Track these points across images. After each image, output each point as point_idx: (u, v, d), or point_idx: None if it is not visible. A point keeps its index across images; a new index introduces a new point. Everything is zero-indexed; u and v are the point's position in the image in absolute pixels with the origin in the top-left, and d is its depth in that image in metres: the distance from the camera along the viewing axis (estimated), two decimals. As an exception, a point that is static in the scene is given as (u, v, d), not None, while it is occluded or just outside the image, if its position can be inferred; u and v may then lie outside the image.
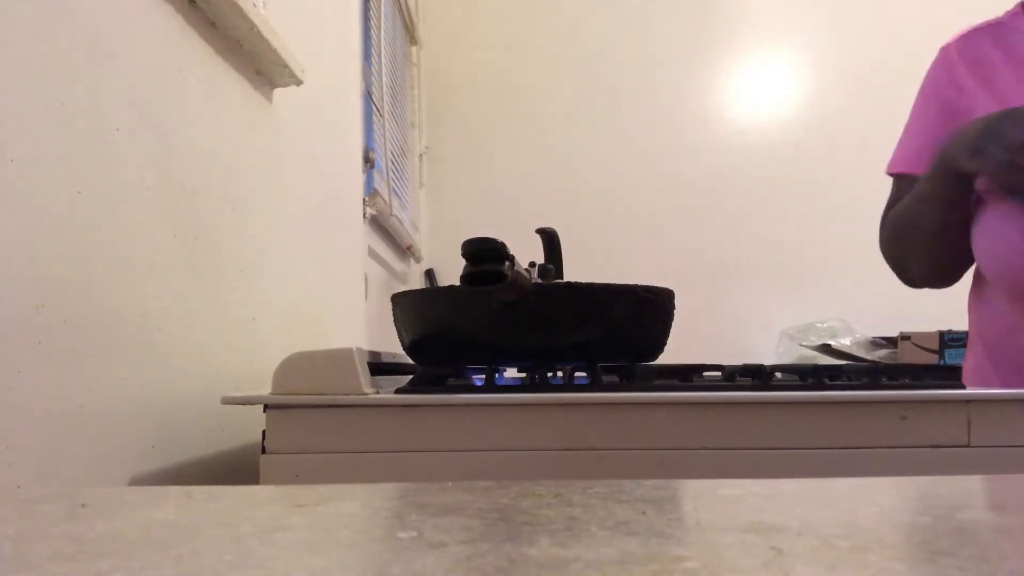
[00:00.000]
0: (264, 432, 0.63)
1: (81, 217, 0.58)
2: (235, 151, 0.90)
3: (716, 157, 2.86)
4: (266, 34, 0.89)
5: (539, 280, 0.71)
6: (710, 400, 0.63)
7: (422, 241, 2.67)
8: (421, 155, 2.79)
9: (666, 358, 0.80)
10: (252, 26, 0.86)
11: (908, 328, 2.22)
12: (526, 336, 0.69)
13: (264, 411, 0.64)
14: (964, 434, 0.63)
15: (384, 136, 1.95)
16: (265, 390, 0.66)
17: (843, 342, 2.31)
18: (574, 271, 0.83)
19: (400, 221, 2.08)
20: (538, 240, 0.83)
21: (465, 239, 0.59)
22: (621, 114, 2.90)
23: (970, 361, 1.00)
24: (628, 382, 0.77)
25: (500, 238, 0.59)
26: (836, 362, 2.15)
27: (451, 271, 2.79)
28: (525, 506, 0.29)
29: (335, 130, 1.45)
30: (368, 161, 1.74)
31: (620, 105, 2.90)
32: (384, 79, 2.01)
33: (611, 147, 2.88)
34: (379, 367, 0.74)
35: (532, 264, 0.67)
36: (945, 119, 0.97)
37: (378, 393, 0.64)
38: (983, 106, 0.90)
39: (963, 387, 0.68)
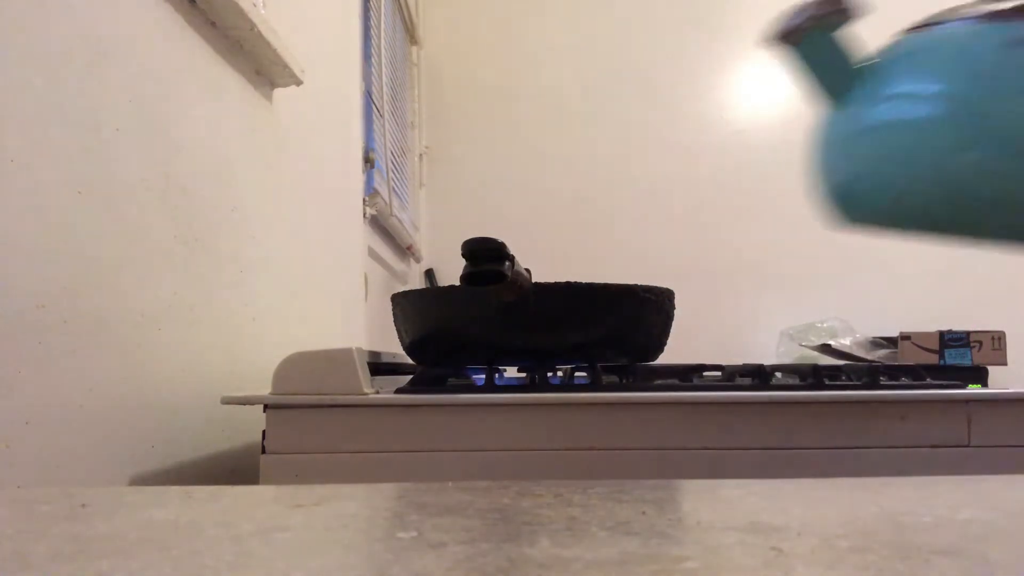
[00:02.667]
0: (264, 432, 0.63)
1: (81, 217, 0.58)
2: (235, 151, 0.90)
3: (716, 157, 2.86)
4: (266, 34, 0.89)
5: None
6: (710, 400, 0.63)
7: (422, 241, 2.67)
8: (421, 155, 2.79)
9: (666, 358, 0.80)
10: (252, 26, 0.86)
11: (908, 328, 2.23)
12: (526, 336, 0.69)
13: (264, 411, 0.64)
14: (964, 434, 0.63)
15: (384, 136, 1.95)
16: (265, 390, 0.66)
17: (843, 342, 2.31)
18: (574, 271, 0.83)
19: (400, 221, 2.08)
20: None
21: (465, 239, 0.59)
22: (621, 114, 2.90)
23: None
24: (628, 382, 0.77)
25: (501, 238, 0.60)
26: (836, 362, 2.15)
27: (451, 271, 2.79)
28: (525, 506, 0.29)
29: (335, 130, 1.44)
30: (368, 161, 1.74)
31: (620, 105, 2.90)
32: (384, 79, 2.01)
33: (611, 147, 2.88)
34: (379, 367, 0.74)
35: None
36: None
37: (378, 393, 0.64)
38: None
39: (963, 387, 0.68)
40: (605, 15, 2.94)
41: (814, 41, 0.41)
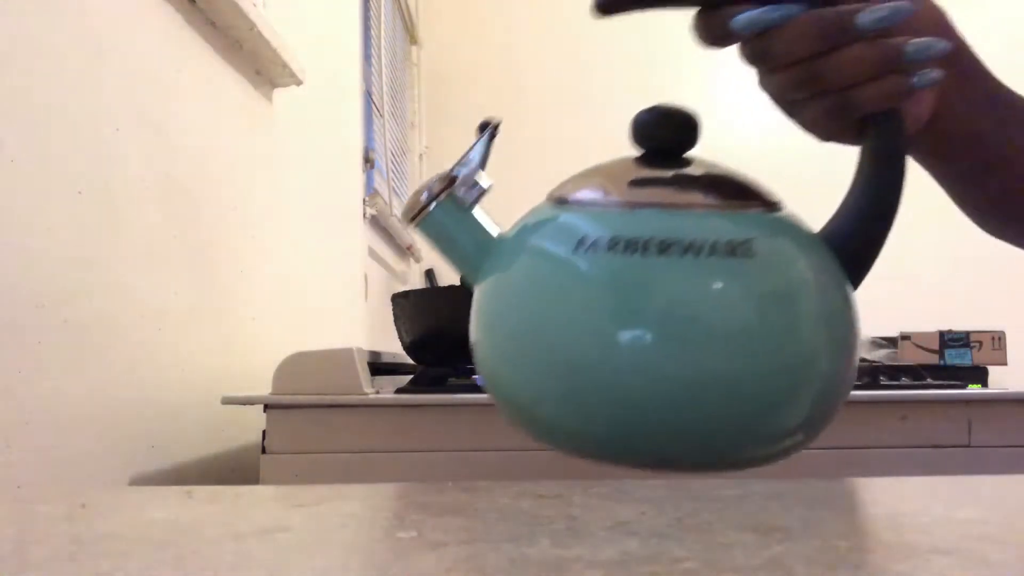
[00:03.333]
0: (264, 432, 0.63)
1: (81, 217, 0.58)
2: (235, 151, 0.90)
3: (713, 157, 2.86)
4: (266, 34, 0.89)
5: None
6: (710, 400, 0.63)
7: (422, 241, 2.67)
8: (421, 155, 2.79)
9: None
10: (252, 26, 0.86)
11: (908, 328, 2.22)
12: (526, 336, 0.69)
13: (264, 411, 0.64)
14: (964, 434, 0.63)
15: (384, 136, 1.95)
16: (265, 390, 0.66)
17: (843, 342, 2.31)
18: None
19: (400, 221, 2.08)
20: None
21: (465, 239, 0.59)
22: (620, 115, 2.89)
23: None
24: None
25: (500, 238, 0.59)
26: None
27: (451, 271, 2.79)
28: (525, 506, 0.29)
29: (335, 130, 1.44)
30: (368, 161, 1.74)
31: (619, 106, 2.90)
32: (384, 79, 2.01)
33: (610, 148, 2.88)
34: (379, 367, 0.74)
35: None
36: None
37: (378, 393, 0.64)
38: None
39: (963, 387, 0.68)
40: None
41: (440, 219, 0.38)
